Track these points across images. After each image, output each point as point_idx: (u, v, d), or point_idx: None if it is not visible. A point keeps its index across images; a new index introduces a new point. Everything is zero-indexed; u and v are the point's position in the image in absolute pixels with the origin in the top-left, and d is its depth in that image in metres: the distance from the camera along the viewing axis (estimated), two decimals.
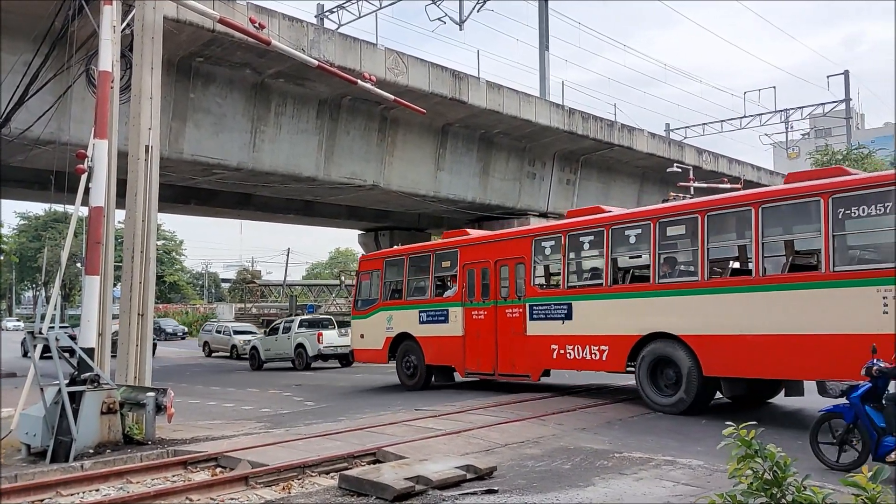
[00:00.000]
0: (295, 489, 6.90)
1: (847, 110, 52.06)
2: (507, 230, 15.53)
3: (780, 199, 9.64)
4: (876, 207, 8.50)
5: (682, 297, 10.38)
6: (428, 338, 14.44)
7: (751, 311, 9.53)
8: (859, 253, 9.23)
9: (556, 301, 12.11)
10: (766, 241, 9.60)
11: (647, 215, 11.14)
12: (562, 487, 6.47)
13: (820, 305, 8.86)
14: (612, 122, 26.59)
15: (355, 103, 20.48)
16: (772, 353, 9.33)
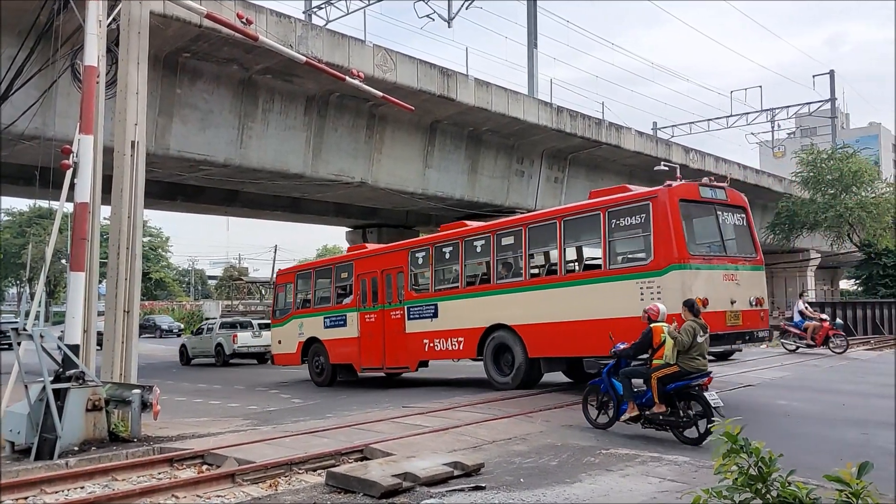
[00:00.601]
0: (282, 486, 6.88)
1: (832, 110, 52.55)
2: (389, 244, 17.46)
3: (575, 214, 12.10)
4: (634, 218, 10.89)
5: (512, 294, 12.63)
6: (332, 340, 16.36)
7: (556, 303, 11.77)
8: (626, 254, 11.30)
9: (426, 302, 14.18)
10: (566, 246, 12.16)
11: (487, 229, 13.52)
12: (549, 484, 6.49)
13: (602, 296, 11.04)
14: (599, 121, 26.67)
15: (343, 100, 20.43)
16: (572, 336, 11.48)
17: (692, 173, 29.96)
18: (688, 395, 8.16)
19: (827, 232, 36.09)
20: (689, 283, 10.17)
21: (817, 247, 41.61)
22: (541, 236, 12.52)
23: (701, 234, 11.37)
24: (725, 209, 11.65)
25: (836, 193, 35.23)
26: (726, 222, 11.52)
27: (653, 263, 10.44)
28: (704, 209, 11.41)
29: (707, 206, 11.37)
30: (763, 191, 37.58)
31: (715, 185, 11.65)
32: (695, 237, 11.04)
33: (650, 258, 10.52)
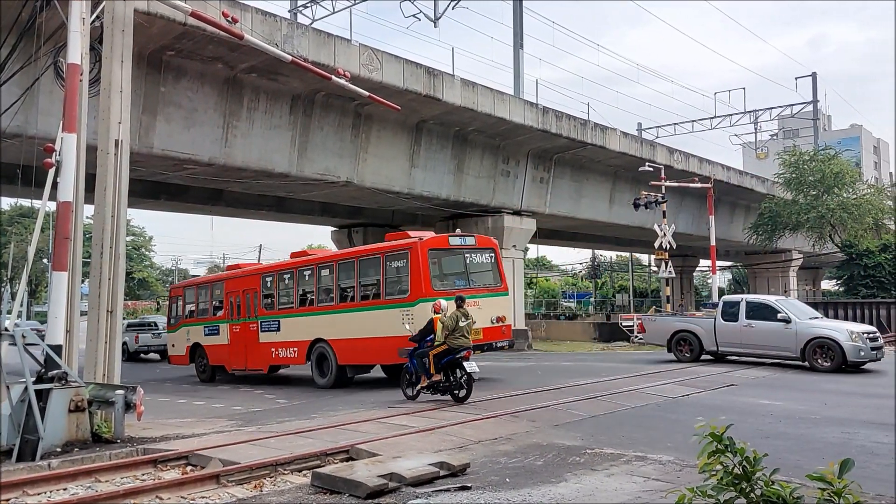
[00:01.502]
0: (267, 487, 6.86)
1: (814, 112, 53.06)
2: (248, 268, 20.26)
3: (366, 255, 15.53)
4: (399, 262, 14.31)
5: (327, 315, 15.77)
6: (210, 346, 19.38)
7: (353, 323, 14.99)
8: (396, 288, 14.44)
9: (272, 318, 17.28)
10: (361, 279, 15.22)
11: (312, 262, 16.85)
12: (534, 484, 6.52)
13: (379, 320, 14.30)
14: (585, 121, 26.77)
15: (329, 99, 20.37)
16: (364, 349, 14.82)
17: (677, 174, 30.21)
18: (455, 364, 11.10)
19: (809, 233, 36.46)
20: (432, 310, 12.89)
21: (799, 247, 42.01)
22: (345, 271, 15.73)
23: (449, 272, 14.80)
24: (474, 252, 15.17)
25: (817, 195, 35.60)
26: (473, 262, 15.06)
27: (409, 297, 13.91)
28: (453, 253, 15.02)
29: (456, 251, 15.02)
30: (746, 192, 37.91)
31: (464, 235, 16.08)
32: (442, 275, 14.53)
33: (408, 293, 13.98)
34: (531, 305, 52.90)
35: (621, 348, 27.79)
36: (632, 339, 29.54)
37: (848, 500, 3.05)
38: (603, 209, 30.91)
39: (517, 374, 16.94)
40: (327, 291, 16.09)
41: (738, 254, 47.52)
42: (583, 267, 70.96)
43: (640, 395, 12.33)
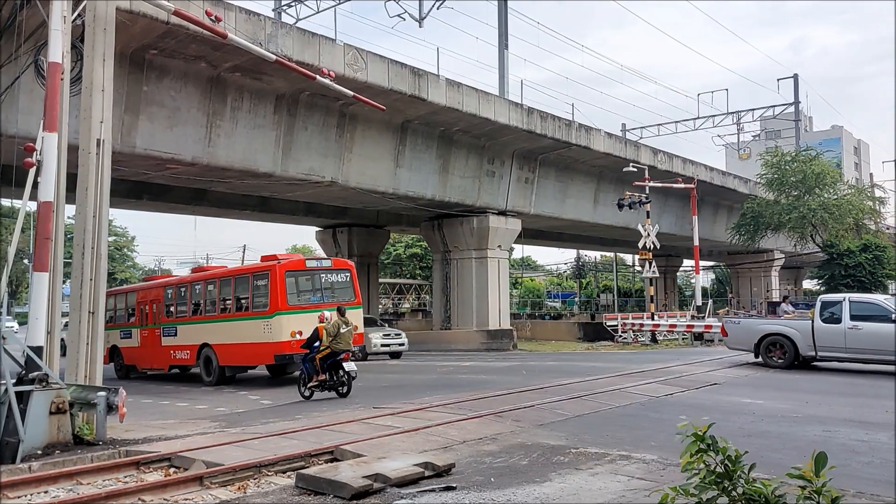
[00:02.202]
0: (251, 489, 6.82)
1: (796, 113, 53.63)
2: (155, 281, 22.89)
3: (241, 274, 18.42)
4: (263, 280, 16.71)
5: (211, 324, 18.02)
6: (125, 347, 21.69)
7: (228, 331, 17.37)
8: (261, 302, 16.86)
9: (171, 325, 19.52)
10: (236, 294, 17.65)
11: (204, 277, 19.31)
12: (519, 483, 6.53)
13: (248, 329, 16.76)
14: (569, 122, 26.87)
15: (313, 99, 20.30)
16: (237, 352, 17.20)
17: (660, 174, 30.40)
18: (337, 365, 12.84)
19: (791, 233, 36.79)
20: (286, 322, 16.07)
21: (781, 247, 42.39)
22: (225, 286, 18.16)
23: (305, 289, 17.15)
24: (329, 272, 17.49)
25: (799, 195, 35.94)
26: (329, 280, 17.28)
27: (268, 310, 16.37)
28: (310, 274, 17.35)
29: (312, 272, 17.40)
30: (729, 192, 38.21)
31: (321, 258, 20.31)
32: (298, 292, 16.88)
33: (267, 307, 16.43)
34: (516, 305, 53.02)
35: (605, 348, 27.92)
36: (616, 339, 29.68)
37: (827, 498, 3.09)
38: (587, 209, 31.04)
39: (502, 374, 16.97)
40: (213, 303, 18.57)
41: (721, 254, 47.90)
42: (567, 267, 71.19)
43: (624, 394, 12.40)
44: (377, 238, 34.68)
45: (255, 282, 17.02)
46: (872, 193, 40.58)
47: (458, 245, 28.03)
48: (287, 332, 15.85)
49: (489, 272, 27.42)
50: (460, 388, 13.81)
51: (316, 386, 13.09)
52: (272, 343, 16.03)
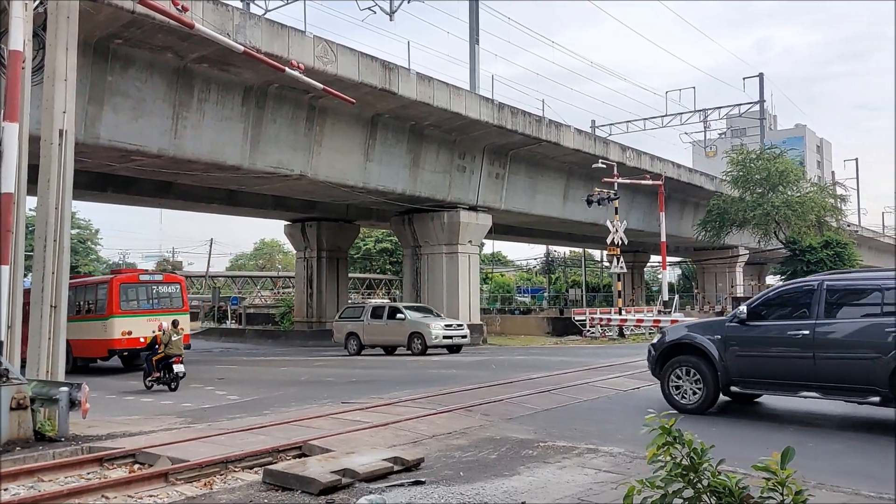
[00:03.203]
0: (217, 485, 6.75)
1: (761, 111, 54.52)
2: (101, 277, 24.26)
3: (91, 283, 21.43)
4: (103, 289, 20.24)
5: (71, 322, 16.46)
6: None
7: (81, 329, 19.41)
8: (101, 306, 20.14)
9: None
10: (87, 298, 20.65)
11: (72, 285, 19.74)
12: (488, 477, 6.56)
13: (93, 327, 19.79)
14: (540, 118, 26.97)
15: (282, 91, 20.10)
16: (85, 346, 19.83)
17: (629, 171, 30.70)
18: (169, 366, 15.31)
19: (755, 229, 37.45)
20: (118, 323, 19.42)
21: (746, 244, 43.13)
22: (80, 291, 20.56)
23: (138, 298, 20.32)
24: (160, 285, 20.97)
25: (763, 192, 36.59)
26: (160, 291, 20.70)
27: (105, 313, 19.64)
28: (143, 285, 20.60)
29: (145, 284, 20.60)
30: (696, 189, 38.73)
31: (153, 273, 23.73)
32: (129, 300, 20.05)
33: (105, 311, 19.69)
34: (486, 300, 53.19)
35: (574, 342, 28.15)
36: (584, 333, 29.94)
37: (791, 490, 3.15)
38: (557, 205, 31.22)
39: (472, 369, 17.02)
40: (74, 305, 19.92)
41: (688, 250, 48.56)
42: (537, 262, 71.62)
43: (593, 388, 12.52)
44: (347, 232, 34.50)
45: (98, 290, 20.49)
46: (834, 191, 41.47)
47: (428, 240, 28.01)
48: (119, 331, 19.48)
49: (460, 267, 27.44)
50: (430, 383, 13.82)
51: (154, 380, 15.46)
52: (107, 340, 19.55)
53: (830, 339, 8.63)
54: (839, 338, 8.64)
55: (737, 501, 3.13)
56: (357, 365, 20.05)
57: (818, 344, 8.65)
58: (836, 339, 8.64)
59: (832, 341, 8.63)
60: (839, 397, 8.68)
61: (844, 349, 8.57)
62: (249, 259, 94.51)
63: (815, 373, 8.66)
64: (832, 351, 8.60)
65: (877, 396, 8.16)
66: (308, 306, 33.96)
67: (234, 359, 25.56)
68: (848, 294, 9.02)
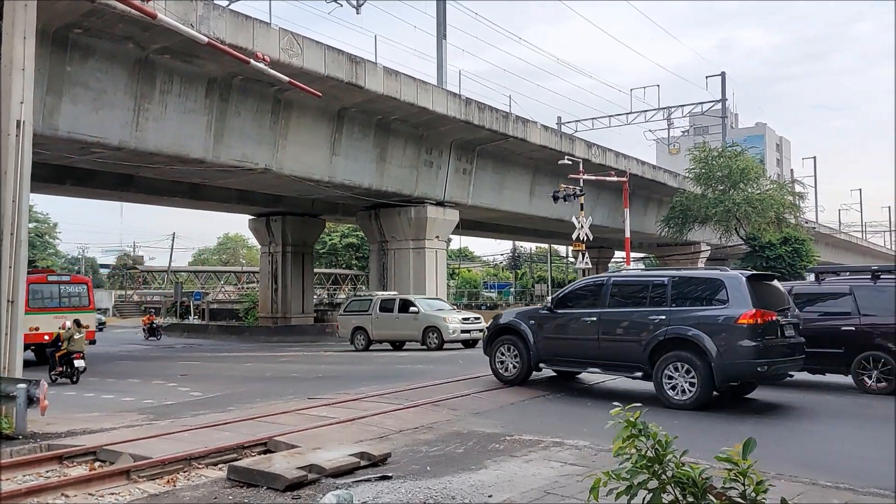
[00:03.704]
0: (181, 482, 6.66)
1: (723, 110, 55.42)
2: None
3: None
4: None
5: None
6: None
7: None
8: None
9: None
10: None
11: None
12: (455, 471, 6.58)
13: None
14: (507, 114, 27.06)
15: (247, 84, 19.85)
16: None
17: (594, 168, 30.97)
18: (70, 362, 16.10)
19: (716, 226, 38.07)
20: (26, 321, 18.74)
21: (707, 240, 43.82)
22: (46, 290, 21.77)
23: (45, 297, 21.43)
24: (68, 285, 22.39)
25: (725, 189, 37.21)
26: (67, 291, 21.96)
27: None
28: (51, 285, 21.78)
29: (53, 284, 22.00)
30: (659, 186, 39.25)
31: (61, 275, 24.85)
32: (35, 299, 20.48)
33: None
34: (453, 296, 53.29)
35: None
36: None
37: (752, 479, 3.22)
38: (524, 201, 31.39)
39: (439, 364, 17.04)
40: None
41: (651, 246, 49.24)
42: (504, 258, 71.99)
43: (557, 382, 12.60)
44: (312, 227, 34.26)
45: None
46: (793, 189, 42.33)
47: (395, 235, 27.94)
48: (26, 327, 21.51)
49: (427, 263, 27.44)
50: (397, 378, 13.80)
51: (58, 374, 16.27)
52: None
53: (611, 325, 10.65)
54: (617, 324, 10.64)
55: (700, 492, 3.19)
56: (323, 361, 19.94)
57: (602, 329, 10.67)
58: (615, 325, 10.64)
59: (612, 327, 10.63)
60: (616, 373, 10.91)
61: (620, 334, 10.60)
62: (213, 254, 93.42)
63: (599, 352, 10.72)
64: (612, 335, 10.61)
65: (640, 372, 10.23)
66: (273, 302, 33.66)
67: (197, 355, 25.24)
68: (627, 289, 11.06)
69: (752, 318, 9.33)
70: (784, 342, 9.85)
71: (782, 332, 9.82)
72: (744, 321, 9.36)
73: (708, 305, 9.91)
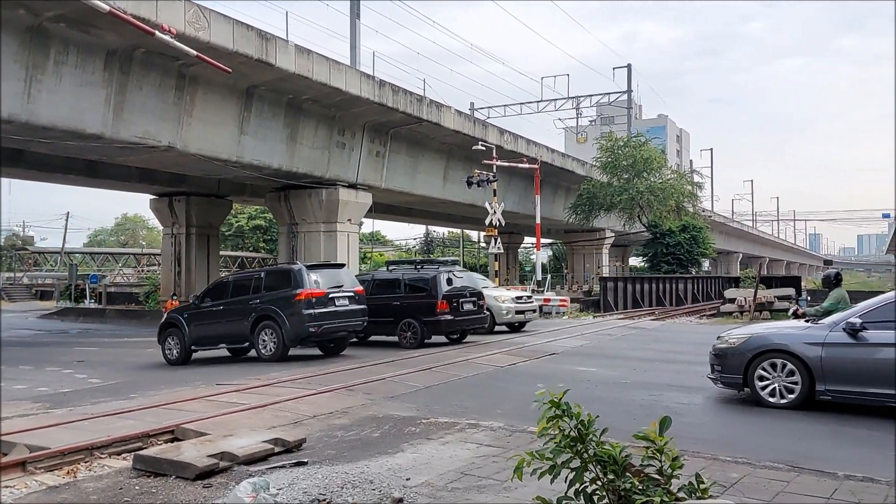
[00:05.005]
0: (82, 473, 6.33)
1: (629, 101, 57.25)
2: None
3: None
4: None
5: None
6: None
7: None
8: None
9: None
10: None
11: None
12: (371, 455, 6.54)
13: None
14: (421, 97, 26.95)
15: (150, 57, 18.89)
16: None
17: (506, 154, 31.37)
18: None
19: (621, 213, 39.45)
20: None
21: (612, 226, 45.29)
22: None
23: None
24: None
25: (629, 178, 38.57)
26: None
27: None
28: None
29: None
30: (568, 173, 40.19)
31: None
32: None
33: None
34: None
35: None
36: None
37: (668, 457, 3.34)
38: (437, 186, 31.44)
39: (351, 348, 16.89)
40: None
41: (559, 232, 50.42)
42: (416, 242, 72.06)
43: (472, 364, 12.77)
44: (218, 208, 33.16)
45: None
46: (692, 179, 44.33)
47: (305, 218, 27.41)
48: None
49: (338, 246, 27.07)
50: (309, 363, 13.60)
51: None
52: None
53: (230, 311, 14.64)
54: (233, 310, 14.57)
55: (620, 469, 3.29)
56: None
57: (225, 314, 14.71)
58: (232, 311, 14.59)
59: (231, 312, 14.61)
60: (231, 346, 15.33)
61: (235, 316, 14.51)
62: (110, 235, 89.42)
63: (225, 333, 14.78)
64: (231, 318, 14.58)
65: (247, 343, 14.54)
66: (176, 285, 32.42)
67: (95, 340, 24.05)
68: (238, 282, 15.30)
69: (308, 294, 13.66)
70: (335, 310, 14.06)
71: (334, 303, 14.04)
72: (301, 297, 13.63)
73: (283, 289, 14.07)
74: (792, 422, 7.92)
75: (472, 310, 16.58)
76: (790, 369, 8.44)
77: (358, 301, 14.65)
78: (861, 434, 7.44)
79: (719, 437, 7.41)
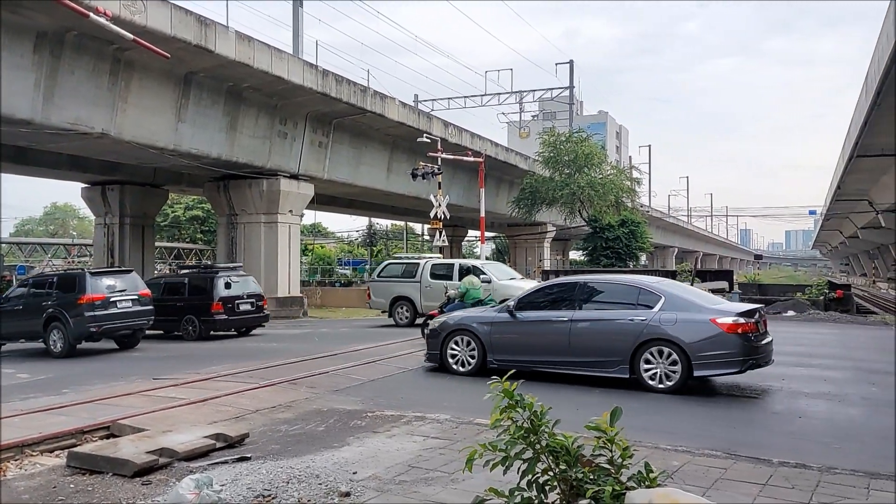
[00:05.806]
0: (12, 471, 6.06)
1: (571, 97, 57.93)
2: None
3: None
4: None
5: None
6: None
7: None
8: None
9: None
10: None
11: None
12: (317, 449, 6.45)
13: None
14: (365, 88, 26.70)
15: (82, 41, 18.16)
16: None
17: (451, 147, 31.36)
18: None
19: (562, 207, 39.92)
20: None
21: (553, 220, 45.83)
22: None
23: None
24: None
25: (571, 173, 39.06)
26: None
27: None
28: None
29: None
30: (511, 168, 40.48)
31: None
32: None
33: None
34: (306, 272, 52.30)
35: None
36: None
37: (619, 446, 3.38)
38: (381, 178, 31.23)
39: (294, 342, 16.69)
40: None
41: (502, 225, 50.77)
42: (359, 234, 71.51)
43: (416, 357, 12.71)
44: (154, 198, 32.19)
45: None
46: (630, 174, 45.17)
47: (245, 208, 26.87)
48: None
49: (279, 238, 26.65)
50: (250, 357, 13.35)
51: None
52: None
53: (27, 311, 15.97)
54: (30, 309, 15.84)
55: (572, 459, 3.31)
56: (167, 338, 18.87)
57: (23, 313, 15.98)
58: (30, 310, 15.84)
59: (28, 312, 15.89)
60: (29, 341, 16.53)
61: (31, 316, 15.67)
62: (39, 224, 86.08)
63: (22, 330, 16.10)
64: (26, 317, 15.76)
65: (41, 339, 15.74)
66: None
67: None
68: (35, 283, 17.15)
69: (90, 298, 15.10)
70: (117, 312, 15.55)
71: (116, 305, 15.56)
72: (84, 301, 15.03)
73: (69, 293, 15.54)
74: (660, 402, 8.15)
75: (249, 310, 19.21)
76: (472, 345, 10.46)
77: (143, 303, 16.22)
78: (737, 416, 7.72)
79: None
